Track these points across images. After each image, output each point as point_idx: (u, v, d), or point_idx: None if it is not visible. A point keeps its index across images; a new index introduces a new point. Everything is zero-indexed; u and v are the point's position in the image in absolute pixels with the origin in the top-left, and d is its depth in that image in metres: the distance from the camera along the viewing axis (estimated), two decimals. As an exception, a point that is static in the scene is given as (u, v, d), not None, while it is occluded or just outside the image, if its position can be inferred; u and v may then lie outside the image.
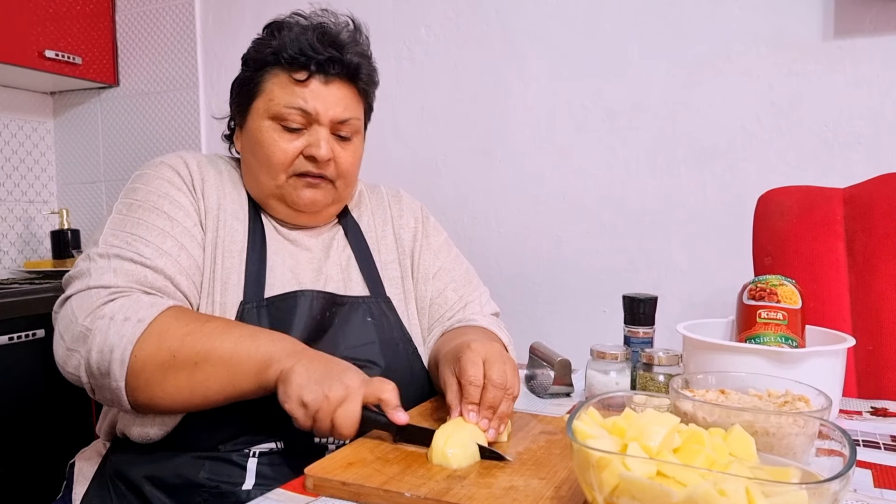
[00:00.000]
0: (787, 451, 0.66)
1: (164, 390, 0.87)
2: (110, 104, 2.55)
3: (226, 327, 0.90)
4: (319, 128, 1.05)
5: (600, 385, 1.06)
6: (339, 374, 0.83)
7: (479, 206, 2.03)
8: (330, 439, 0.96)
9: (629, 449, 0.59)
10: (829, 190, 1.39)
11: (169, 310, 0.90)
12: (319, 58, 1.04)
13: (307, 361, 0.85)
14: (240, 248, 1.04)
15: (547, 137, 1.94)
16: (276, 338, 0.89)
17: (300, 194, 1.06)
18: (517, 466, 0.77)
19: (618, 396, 0.72)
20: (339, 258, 1.13)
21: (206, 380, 0.87)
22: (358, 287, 1.11)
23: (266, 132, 1.05)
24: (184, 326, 0.88)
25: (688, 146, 1.78)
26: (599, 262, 1.90)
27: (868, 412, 1.06)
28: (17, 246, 2.52)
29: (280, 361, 0.85)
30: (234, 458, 0.93)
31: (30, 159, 2.57)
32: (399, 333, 1.10)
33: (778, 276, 1.04)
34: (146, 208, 0.99)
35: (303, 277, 1.07)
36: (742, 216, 1.52)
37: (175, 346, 0.87)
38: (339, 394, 0.81)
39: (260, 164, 1.06)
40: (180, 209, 1.01)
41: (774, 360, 0.92)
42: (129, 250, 0.94)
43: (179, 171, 1.04)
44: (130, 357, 0.86)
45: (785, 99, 1.68)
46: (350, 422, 0.81)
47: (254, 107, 1.07)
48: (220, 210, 1.05)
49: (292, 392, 0.83)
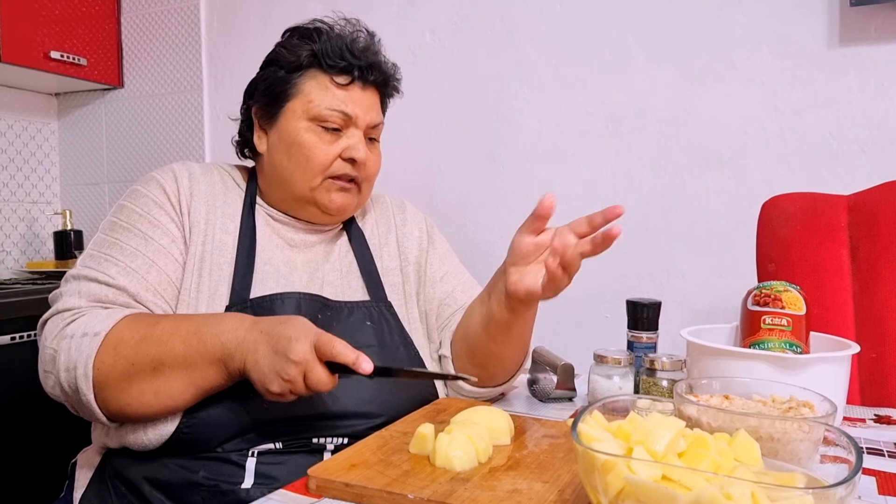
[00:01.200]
0: (791, 457, 0.66)
1: (130, 398, 0.90)
2: (115, 105, 2.55)
3: (174, 327, 0.91)
4: (356, 130, 1.09)
5: (603, 390, 1.06)
6: (286, 352, 0.84)
7: (482, 212, 2.03)
8: (328, 439, 0.96)
9: (635, 452, 0.59)
10: (833, 197, 1.39)
11: (124, 319, 0.92)
12: (361, 64, 1.09)
13: (254, 347, 0.86)
14: (229, 259, 1.04)
15: (550, 143, 1.94)
16: (220, 328, 0.89)
17: (332, 198, 1.08)
18: (521, 470, 0.77)
19: (622, 400, 0.72)
20: (340, 263, 1.14)
21: (168, 384, 0.89)
22: (358, 292, 1.12)
23: (305, 133, 1.06)
24: (136, 333, 0.90)
25: (691, 152, 1.78)
26: (602, 267, 1.89)
27: (872, 419, 1.05)
28: (20, 246, 2.52)
29: (232, 357, 0.88)
30: (233, 458, 0.93)
31: (34, 160, 2.58)
32: (400, 337, 1.10)
33: (782, 282, 1.04)
34: (125, 227, 1.02)
35: (295, 281, 1.07)
36: (746, 222, 1.52)
37: (131, 354, 0.89)
38: (296, 371, 0.84)
39: (296, 165, 1.07)
40: (157, 227, 1.02)
41: (779, 365, 0.91)
42: (98, 270, 0.97)
43: (167, 187, 1.05)
44: (93, 370, 0.89)
45: (789, 106, 1.68)
46: (323, 384, 0.85)
47: (288, 107, 1.08)
48: (207, 225, 1.05)
49: (259, 387, 0.87)
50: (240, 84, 2.50)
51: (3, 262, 2.44)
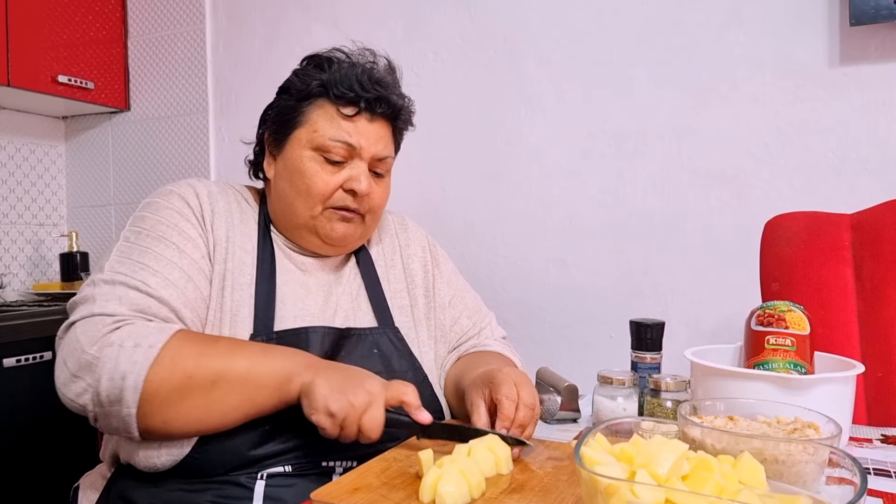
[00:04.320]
0: (796, 479, 0.65)
1: (179, 412, 0.87)
2: (121, 128, 2.58)
3: (237, 345, 0.93)
4: (360, 162, 1.08)
5: (607, 411, 1.06)
6: (360, 381, 0.86)
7: (486, 231, 2.03)
8: (338, 462, 0.96)
9: (638, 476, 0.58)
10: (836, 216, 1.39)
11: (177, 333, 0.90)
12: (369, 95, 1.07)
13: (326, 372, 0.88)
14: (248, 280, 1.04)
15: (554, 162, 1.95)
16: (288, 353, 0.92)
17: (333, 227, 1.08)
18: (525, 493, 0.77)
19: (625, 422, 0.72)
20: (350, 287, 1.15)
21: (224, 399, 0.88)
22: (366, 317, 1.13)
23: (308, 162, 1.06)
24: (195, 348, 0.89)
25: (694, 171, 1.79)
26: (606, 287, 1.90)
27: (878, 440, 1.05)
28: (27, 268, 2.53)
29: (300, 375, 0.88)
30: (242, 481, 0.93)
31: (41, 182, 2.60)
32: (408, 363, 1.10)
33: (786, 301, 1.03)
34: (154, 237, 0.99)
35: (312, 307, 1.08)
36: (749, 242, 1.52)
37: (189, 367, 0.87)
38: (363, 400, 0.85)
39: (297, 194, 1.07)
40: (189, 240, 1.00)
41: (783, 386, 0.91)
42: (135, 279, 0.94)
43: (189, 201, 1.04)
44: (144, 382, 0.85)
45: (791, 125, 1.69)
46: (376, 425, 0.85)
47: (294, 136, 1.08)
48: (228, 242, 1.05)
49: (318, 404, 0.85)
50: (245, 107, 2.53)
51: (10, 284, 2.45)
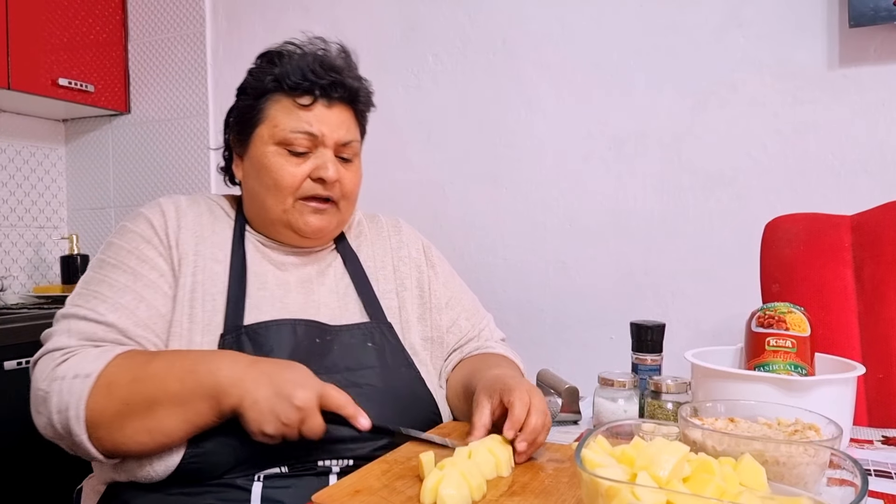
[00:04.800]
0: (797, 481, 0.65)
1: (125, 436, 0.90)
2: (121, 131, 2.58)
3: (169, 365, 0.91)
4: (325, 150, 1.08)
5: (608, 413, 1.06)
6: (291, 394, 0.85)
7: (486, 234, 2.04)
8: (334, 462, 0.96)
9: (638, 478, 0.58)
10: (836, 217, 1.39)
11: (115, 359, 0.92)
12: (322, 82, 1.07)
13: (254, 388, 0.86)
14: (221, 289, 1.04)
15: (553, 165, 1.95)
16: (216, 365, 0.90)
17: (307, 221, 1.08)
18: (526, 495, 0.77)
19: (626, 425, 0.72)
20: (337, 286, 1.14)
21: (164, 421, 0.89)
22: (356, 314, 1.12)
23: (272, 157, 1.07)
24: (129, 373, 0.90)
25: (694, 173, 1.79)
26: (606, 289, 1.90)
27: (879, 441, 1.05)
28: (27, 271, 2.53)
29: (227, 395, 0.87)
30: (238, 483, 0.93)
31: (41, 185, 2.60)
32: (401, 358, 1.10)
33: (786, 303, 1.03)
34: (113, 265, 1.03)
35: (290, 304, 1.07)
36: (749, 243, 1.52)
37: (124, 394, 0.89)
38: (295, 417, 0.85)
39: (266, 190, 1.07)
40: (146, 262, 1.03)
41: (784, 388, 0.91)
42: (86, 308, 0.98)
43: (154, 222, 1.06)
44: (85, 412, 0.89)
45: (790, 127, 1.69)
46: (316, 432, 0.87)
47: (257, 134, 1.09)
48: (197, 256, 1.06)
49: (253, 427, 0.86)
50: (245, 109, 2.51)
51: (11, 286, 2.45)
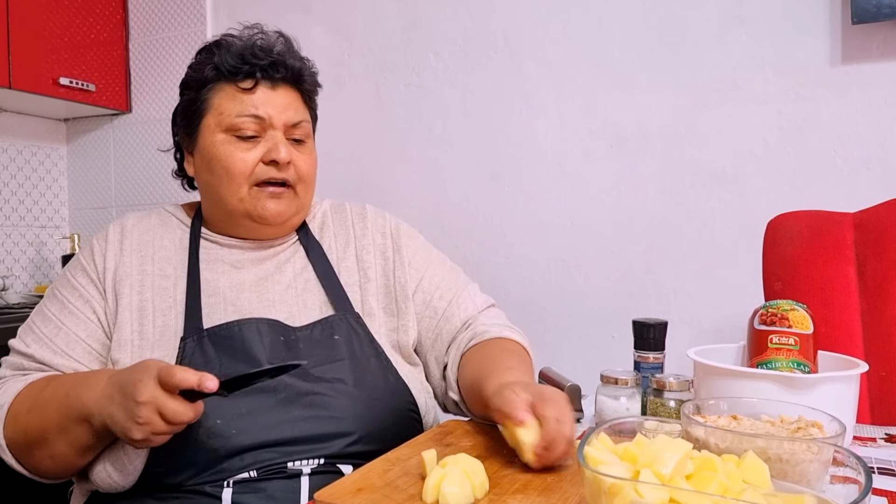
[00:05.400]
0: (800, 478, 0.65)
1: (38, 460, 0.95)
2: (122, 130, 2.58)
3: (52, 393, 0.93)
4: (274, 132, 1.06)
5: (610, 411, 1.05)
6: (132, 395, 0.83)
7: (487, 232, 2.03)
8: (304, 463, 0.94)
9: (641, 475, 0.58)
10: (838, 214, 1.39)
11: (24, 389, 0.96)
12: (262, 63, 1.05)
13: (108, 403, 0.86)
14: (170, 303, 1.04)
15: (554, 163, 1.95)
16: (80, 389, 0.91)
17: (265, 206, 1.06)
18: (528, 493, 0.76)
19: (629, 422, 0.72)
20: (295, 281, 1.10)
21: (56, 449, 0.93)
22: (315, 311, 1.08)
23: (221, 145, 1.05)
24: (27, 403, 0.94)
25: (696, 171, 1.79)
26: (608, 288, 1.90)
27: (882, 438, 1.04)
28: (29, 270, 2.54)
29: (94, 416, 0.88)
30: (207, 490, 0.91)
31: (42, 185, 2.60)
32: (370, 348, 1.06)
33: (789, 300, 1.03)
34: (51, 295, 1.07)
35: (243, 305, 1.05)
36: (751, 241, 1.52)
37: (23, 425, 0.94)
38: (146, 415, 0.82)
39: (220, 180, 1.06)
40: (76, 290, 1.05)
41: (787, 385, 0.91)
42: (20, 339, 1.03)
43: (95, 249, 1.08)
44: (4, 437, 0.95)
45: (793, 124, 1.69)
46: (181, 415, 0.83)
47: (203, 125, 1.07)
48: (143, 275, 1.06)
49: (125, 439, 0.86)
50: (246, 108, 2.50)
51: (13, 286, 2.45)
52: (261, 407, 0.94)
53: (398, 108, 2.14)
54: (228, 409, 0.92)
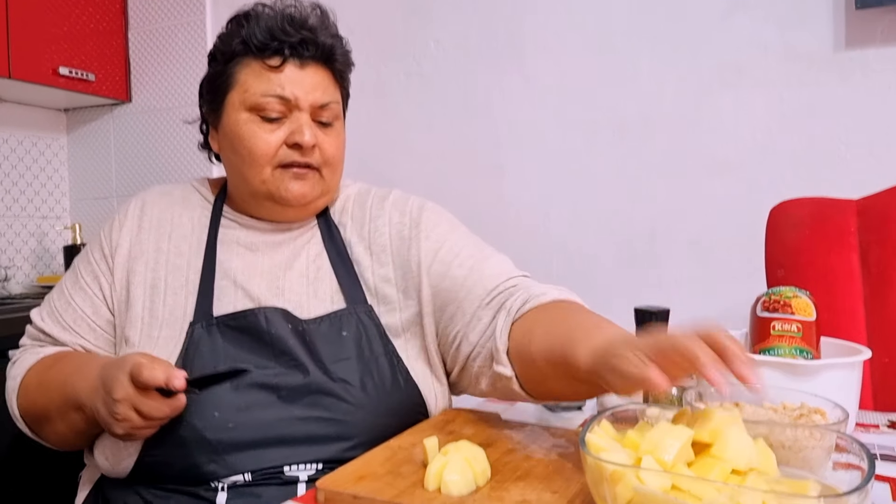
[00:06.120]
0: (803, 465, 0.65)
1: (47, 433, 1.01)
2: (123, 120, 2.57)
3: (55, 375, 0.97)
4: (300, 114, 1.01)
5: (612, 399, 1.05)
6: (110, 391, 0.85)
7: (489, 221, 2.02)
8: (301, 468, 0.92)
9: (643, 462, 0.58)
10: (842, 201, 1.38)
11: (35, 364, 1.01)
12: (292, 40, 1.00)
13: (94, 396, 0.89)
14: (182, 282, 1.02)
15: (557, 151, 1.94)
16: (74, 379, 0.94)
17: (288, 188, 1.01)
18: (530, 480, 0.76)
19: (630, 409, 0.72)
20: (307, 269, 1.06)
21: (57, 429, 0.98)
22: (326, 301, 1.03)
23: (245, 125, 1.01)
24: (36, 379, 0.99)
25: (699, 159, 1.78)
26: (610, 276, 1.89)
27: (885, 425, 1.04)
28: (31, 261, 2.54)
29: (85, 406, 0.91)
30: (200, 493, 0.90)
31: (43, 175, 2.60)
32: (380, 345, 1.01)
33: (792, 287, 1.03)
34: (73, 268, 1.09)
35: (252, 291, 1.02)
36: (754, 228, 1.51)
37: (31, 400, 1.00)
38: (123, 411, 0.84)
39: (242, 160, 1.02)
40: (89, 264, 1.06)
41: (789, 372, 0.91)
42: (38, 312, 1.07)
43: (114, 223, 1.08)
44: (18, 409, 1.01)
45: (796, 110, 1.68)
46: (157, 412, 0.84)
47: (228, 101, 1.03)
48: (158, 252, 1.04)
49: (109, 433, 0.89)
50: (246, 97, 2.50)
51: (15, 276, 2.45)
52: (261, 403, 0.92)
53: (399, 97, 2.13)
54: (228, 402, 0.91)
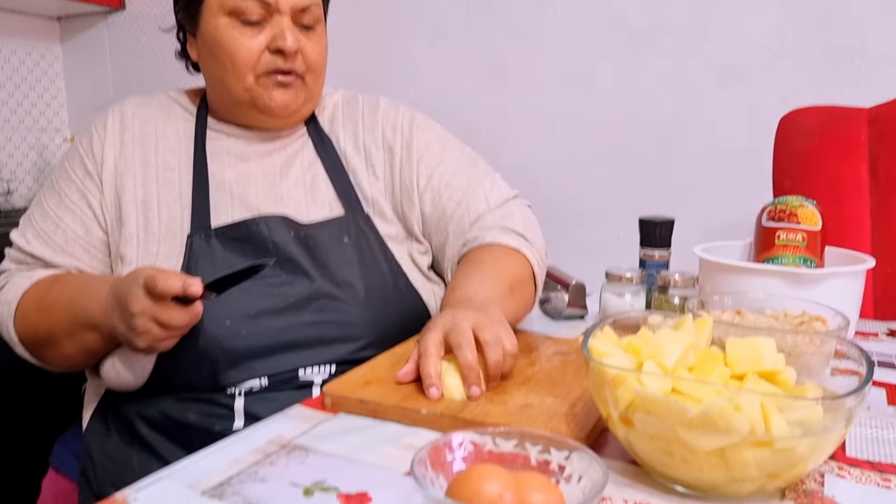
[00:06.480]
0: (802, 371, 0.66)
1: (51, 355, 0.98)
2: (117, 28, 2.51)
3: (57, 297, 0.95)
4: (281, 17, 0.98)
5: (615, 307, 1.06)
6: (126, 306, 0.83)
7: (492, 132, 1.99)
8: (315, 371, 0.94)
9: (645, 366, 0.59)
10: (853, 110, 1.35)
11: (30, 288, 0.97)
12: None
13: (111, 314, 0.87)
14: (175, 196, 1.00)
15: (562, 60, 1.89)
16: (86, 298, 0.92)
17: (272, 96, 1.00)
18: (532, 385, 0.78)
19: (633, 317, 0.72)
20: (304, 176, 1.05)
21: (65, 350, 0.96)
22: (324, 207, 1.03)
23: (224, 30, 0.97)
24: (35, 303, 0.96)
25: (708, 66, 1.73)
26: (615, 187, 1.88)
27: (885, 333, 1.06)
28: (32, 174, 2.53)
29: (101, 325, 0.90)
30: (219, 399, 0.91)
31: (39, 87, 2.55)
32: (381, 252, 1.02)
33: (798, 196, 1.02)
34: (50, 185, 1.05)
35: (250, 199, 1.01)
36: (763, 138, 1.49)
37: (31, 325, 0.96)
38: (143, 323, 0.82)
39: (224, 69, 0.99)
40: (73, 182, 1.02)
41: (792, 281, 0.91)
42: (20, 234, 1.02)
43: (93, 137, 1.04)
44: (15, 333, 0.98)
45: (809, 15, 1.62)
46: (178, 321, 0.82)
47: (205, 5, 0.99)
48: (146, 167, 1.02)
49: (130, 348, 0.88)
50: None
51: (17, 190, 2.45)
52: (271, 310, 0.93)
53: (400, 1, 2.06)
54: (238, 310, 0.92)
